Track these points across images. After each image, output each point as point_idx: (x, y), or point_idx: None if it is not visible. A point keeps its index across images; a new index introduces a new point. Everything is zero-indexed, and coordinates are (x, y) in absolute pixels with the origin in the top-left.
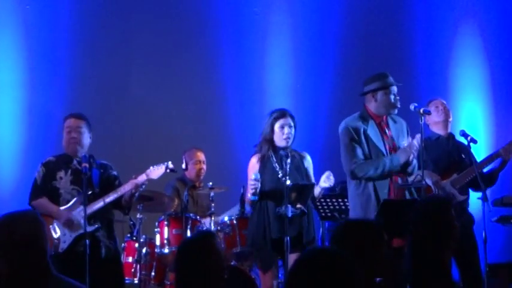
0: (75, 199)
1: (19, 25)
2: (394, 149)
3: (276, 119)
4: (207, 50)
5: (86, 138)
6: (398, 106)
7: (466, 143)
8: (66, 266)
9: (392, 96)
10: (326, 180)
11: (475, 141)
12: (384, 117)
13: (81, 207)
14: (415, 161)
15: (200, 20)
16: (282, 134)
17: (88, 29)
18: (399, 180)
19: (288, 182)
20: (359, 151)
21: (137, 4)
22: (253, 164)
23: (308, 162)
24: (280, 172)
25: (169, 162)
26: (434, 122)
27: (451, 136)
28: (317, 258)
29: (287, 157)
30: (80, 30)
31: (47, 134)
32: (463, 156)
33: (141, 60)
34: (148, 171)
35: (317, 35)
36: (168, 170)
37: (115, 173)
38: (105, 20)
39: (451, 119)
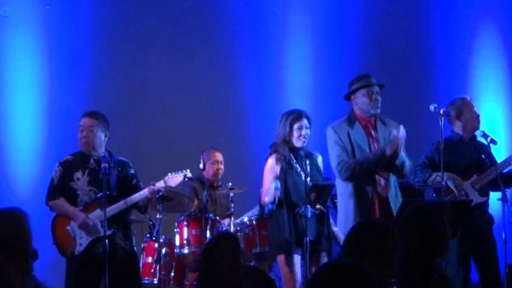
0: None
1: (39, 25)
2: None
3: (294, 120)
4: (226, 50)
5: (99, 137)
6: (378, 106)
7: (486, 143)
8: (83, 268)
9: (371, 96)
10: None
11: (495, 142)
12: (372, 119)
13: (99, 209)
14: (403, 154)
15: (219, 20)
16: (299, 135)
17: (107, 29)
18: (382, 182)
19: (309, 183)
20: (344, 152)
21: (155, 4)
22: (272, 165)
23: (320, 162)
24: (302, 173)
25: (188, 171)
26: (464, 126)
27: (472, 137)
28: (337, 271)
29: (307, 158)
30: (99, 30)
31: (66, 134)
32: (483, 157)
33: (160, 60)
34: (166, 178)
35: (336, 35)
36: (186, 179)
37: (132, 171)
38: (124, 21)
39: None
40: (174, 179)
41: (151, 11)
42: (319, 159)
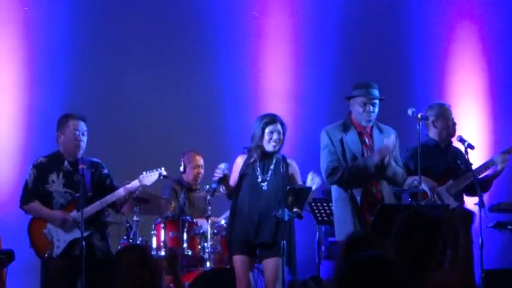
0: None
1: (18, 26)
2: None
3: (266, 124)
4: (204, 53)
5: None
6: (370, 119)
7: (463, 148)
8: (61, 270)
9: (365, 108)
10: (310, 183)
11: (472, 147)
12: (368, 127)
13: (75, 211)
14: (393, 164)
15: (197, 23)
16: (269, 139)
17: (86, 30)
18: (373, 189)
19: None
20: (333, 156)
21: (135, 6)
22: (238, 163)
23: (293, 168)
24: (259, 176)
25: (163, 169)
26: (440, 133)
27: (448, 143)
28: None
29: (278, 163)
30: (78, 31)
31: (45, 135)
32: (458, 162)
33: (138, 62)
34: (141, 177)
35: (314, 39)
36: (161, 177)
37: (106, 171)
38: (103, 21)
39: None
40: (149, 177)
41: (129, 13)
42: (293, 165)
